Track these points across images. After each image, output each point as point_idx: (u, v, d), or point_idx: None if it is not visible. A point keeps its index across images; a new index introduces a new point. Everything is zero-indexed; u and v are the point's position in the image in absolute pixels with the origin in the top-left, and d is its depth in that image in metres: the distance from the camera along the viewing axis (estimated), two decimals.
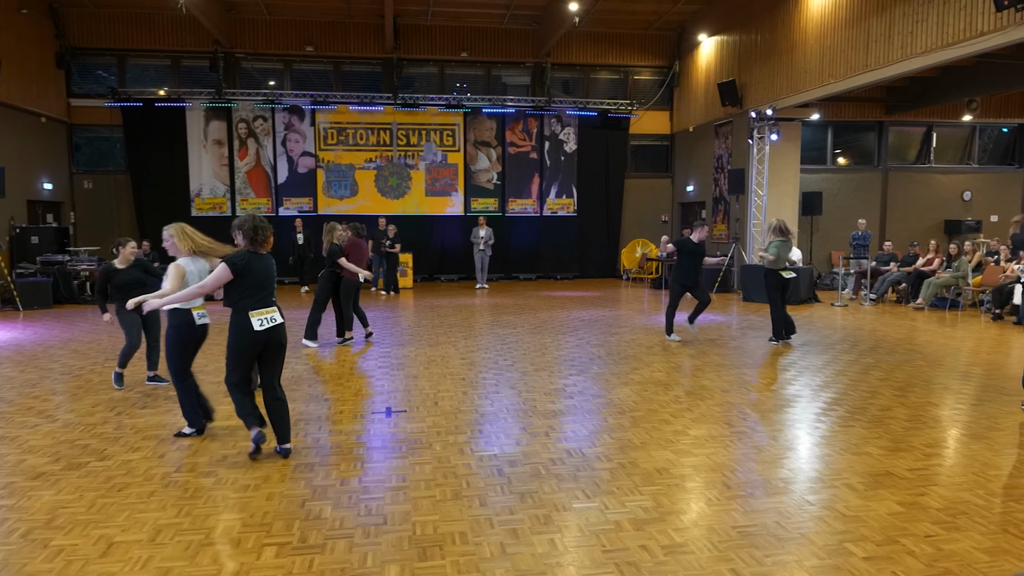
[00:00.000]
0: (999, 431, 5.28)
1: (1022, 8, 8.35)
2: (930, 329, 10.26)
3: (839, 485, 4.20)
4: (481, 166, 18.11)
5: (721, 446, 4.93)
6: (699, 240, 9.22)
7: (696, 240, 9.21)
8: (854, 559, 3.28)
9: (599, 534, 3.53)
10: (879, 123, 16.53)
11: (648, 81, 18.86)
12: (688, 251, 9.16)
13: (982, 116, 16.43)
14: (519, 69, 18.36)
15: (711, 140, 16.82)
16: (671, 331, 9.37)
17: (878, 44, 11.10)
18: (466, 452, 4.79)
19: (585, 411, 5.84)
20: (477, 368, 7.52)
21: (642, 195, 19.11)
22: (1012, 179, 17.07)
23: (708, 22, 16.66)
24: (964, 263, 12.33)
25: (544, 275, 18.54)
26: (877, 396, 6.33)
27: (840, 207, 16.24)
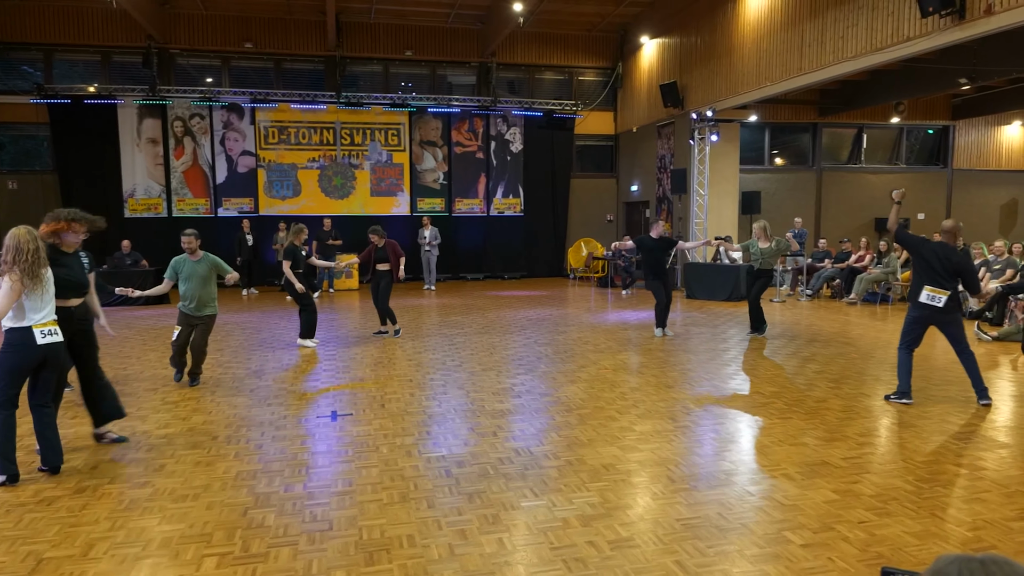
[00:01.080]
0: (926, 419, 5.53)
1: (945, 14, 8.77)
2: (862, 323, 10.68)
3: (778, 476, 4.33)
4: (427, 166, 18.00)
5: (666, 441, 5.02)
6: (658, 236, 9.44)
7: (655, 236, 9.43)
8: (792, 546, 3.38)
9: (547, 532, 3.56)
10: (813, 125, 17.10)
11: (592, 82, 19.07)
12: (648, 247, 9.42)
13: (909, 118, 17.17)
14: (464, 69, 18.31)
15: (654, 140, 17.12)
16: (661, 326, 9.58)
17: (811, 48, 11.48)
18: (414, 454, 4.75)
19: (533, 410, 5.86)
20: (425, 369, 7.47)
21: (588, 195, 19.31)
22: (938, 178, 17.89)
23: (650, 24, 16.94)
24: (893, 259, 12.87)
25: (492, 275, 18.55)
26: (814, 388, 6.55)
27: (778, 206, 16.73)
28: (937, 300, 5.82)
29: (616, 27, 18.12)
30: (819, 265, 14.28)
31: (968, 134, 17.80)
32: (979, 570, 0.87)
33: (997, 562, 0.87)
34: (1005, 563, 0.87)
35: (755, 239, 9.42)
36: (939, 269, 5.79)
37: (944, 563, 0.90)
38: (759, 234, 9.38)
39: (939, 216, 17.73)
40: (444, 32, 17.70)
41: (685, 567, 3.19)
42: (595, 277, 17.50)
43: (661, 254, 9.47)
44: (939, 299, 5.82)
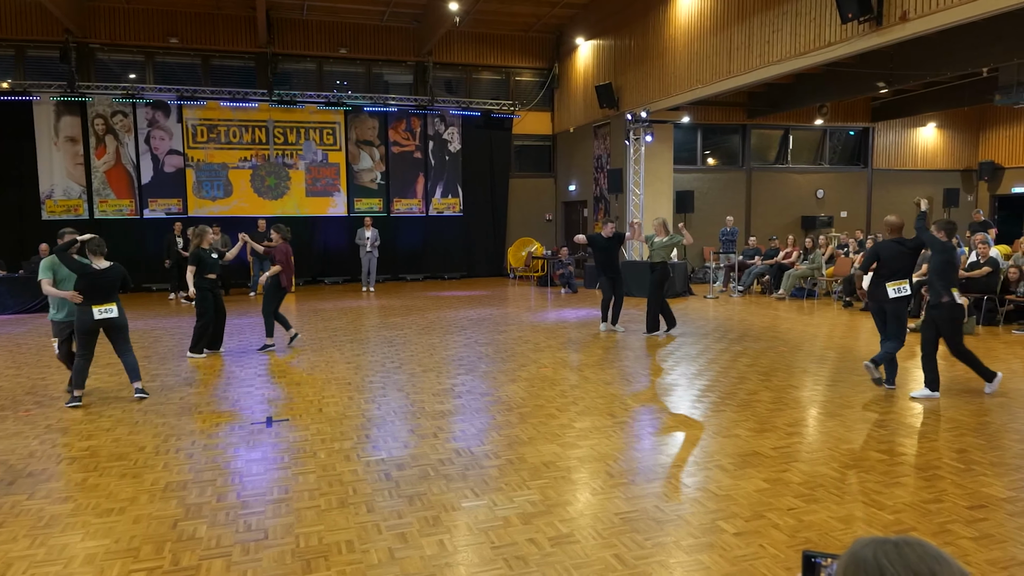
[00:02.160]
0: (850, 408, 5.78)
1: (864, 21, 9.18)
2: (790, 317, 11.08)
3: (712, 467, 4.45)
4: (364, 166, 17.75)
5: (604, 437, 5.09)
6: (608, 235, 9.60)
7: (606, 235, 9.60)
8: (726, 535, 3.48)
9: (488, 531, 3.56)
10: (742, 126, 17.64)
11: (529, 82, 19.17)
12: (600, 246, 9.63)
13: (832, 120, 17.91)
14: (401, 67, 18.14)
15: (591, 141, 17.34)
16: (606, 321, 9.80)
17: (739, 52, 11.84)
18: (352, 458, 4.68)
19: (474, 410, 5.86)
20: (363, 372, 7.36)
21: (526, 194, 19.41)
22: (859, 178, 18.72)
23: (585, 26, 17.15)
24: (818, 255, 13.41)
25: (431, 275, 18.44)
26: (745, 381, 6.76)
27: (710, 205, 17.20)
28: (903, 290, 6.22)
29: (552, 28, 18.27)
30: (749, 262, 14.75)
31: (886, 135, 18.69)
32: (893, 552, 0.91)
33: (910, 543, 0.91)
34: (917, 544, 0.91)
35: (654, 232, 9.59)
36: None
37: (860, 546, 0.94)
38: (658, 228, 9.53)
39: (860, 213, 18.58)
40: (379, 30, 17.49)
41: (624, 560, 3.25)
42: (535, 276, 17.61)
43: (613, 252, 9.64)
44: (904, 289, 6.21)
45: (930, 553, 0.90)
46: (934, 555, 0.90)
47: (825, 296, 13.56)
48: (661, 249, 9.40)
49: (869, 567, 0.90)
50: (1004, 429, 5.18)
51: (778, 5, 10.89)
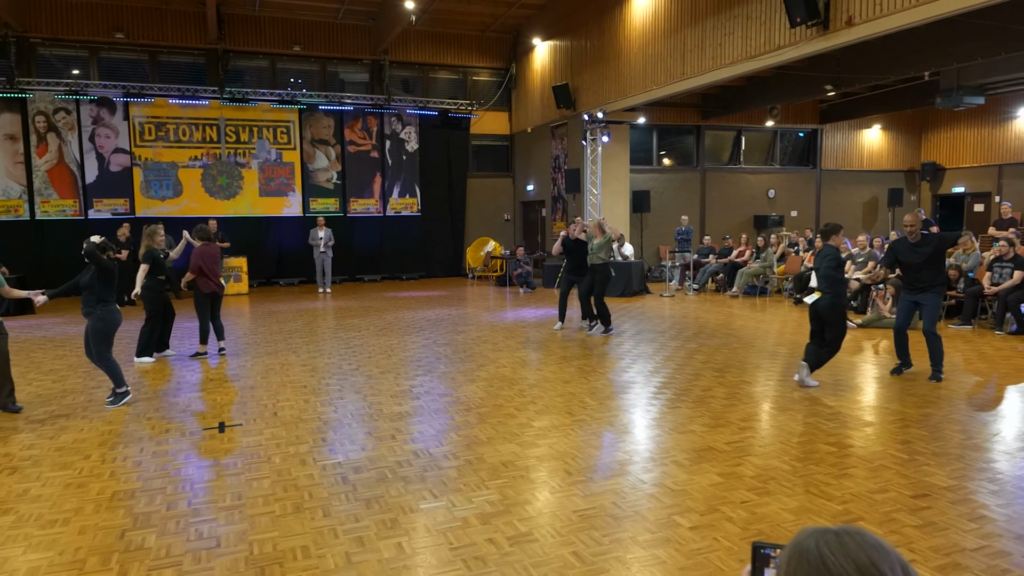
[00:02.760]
0: (801, 403, 5.93)
1: (811, 25, 9.42)
2: (744, 314, 11.31)
3: (668, 463, 4.52)
4: (319, 165, 17.50)
5: (563, 435, 5.12)
6: (575, 237, 9.61)
7: (572, 237, 9.64)
8: (681, 530, 3.54)
9: (446, 532, 3.54)
10: (696, 127, 17.93)
11: (487, 82, 19.17)
12: (568, 249, 9.71)
13: (782, 122, 18.33)
14: (357, 66, 17.94)
15: (548, 141, 17.42)
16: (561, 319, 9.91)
17: (693, 54, 12.04)
18: (308, 462, 4.61)
19: (432, 411, 5.83)
20: (320, 374, 7.26)
21: (485, 194, 19.40)
22: (808, 178, 19.21)
23: (541, 27, 17.22)
24: (770, 254, 13.72)
25: (389, 276, 18.28)
26: (700, 378, 6.87)
27: (666, 205, 17.44)
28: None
29: (509, 28, 18.29)
30: (704, 261, 15.01)
31: (834, 137, 19.22)
32: (834, 541, 0.93)
33: (850, 533, 0.94)
34: (857, 533, 0.94)
35: (590, 233, 9.57)
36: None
37: (804, 536, 0.97)
38: (594, 229, 9.52)
39: (810, 213, 19.07)
40: (334, 28, 17.27)
41: (582, 557, 3.27)
42: (493, 276, 17.61)
43: (580, 254, 9.63)
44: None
45: (869, 542, 0.93)
46: (873, 544, 0.93)
47: (777, 293, 13.88)
48: (600, 250, 9.40)
49: (812, 557, 0.93)
50: (945, 420, 5.38)
51: (729, 9, 11.11)
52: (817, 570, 0.92)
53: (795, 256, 13.67)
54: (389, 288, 16.41)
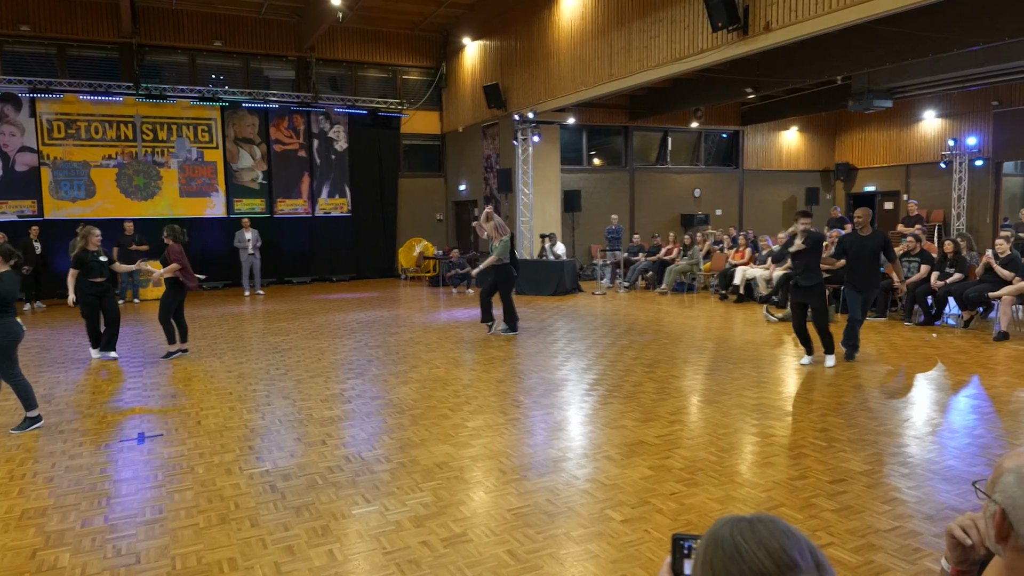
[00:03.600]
0: (726, 395, 6.12)
1: (732, 30, 9.74)
2: (672, 311, 11.60)
3: (600, 458, 4.58)
4: (244, 164, 16.96)
5: (497, 434, 5.13)
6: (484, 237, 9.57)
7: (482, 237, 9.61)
8: (613, 523, 3.59)
9: (379, 537, 3.49)
10: (625, 128, 18.28)
11: (417, 81, 19.01)
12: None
13: (706, 123, 18.89)
14: (282, 63, 17.47)
15: (480, 141, 17.42)
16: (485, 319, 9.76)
17: (620, 56, 12.26)
18: (234, 472, 4.46)
19: (364, 414, 5.73)
20: (246, 380, 7.04)
21: (416, 194, 19.24)
22: (731, 178, 19.87)
23: (471, 26, 17.20)
24: (696, 252, 14.12)
25: (319, 278, 17.89)
26: (631, 373, 7.01)
27: (596, 204, 17.71)
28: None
29: (439, 27, 18.19)
30: (634, 259, 15.31)
31: (755, 138, 19.95)
32: (747, 529, 0.96)
33: (763, 520, 0.97)
34: (769, 521, 0.97)
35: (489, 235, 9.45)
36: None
37: (719, 525, 1.00)
38: (493, 232, 9.39)
39: (733, 211, 19.73)
40: (257, 23, 16.78)
41: (516, 555, 3.28)
42: (427, 277, 17.49)
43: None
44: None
45: (780, 528, 0.96)
46: (783, 530, 0.96)
47: (703, 290, 14.29)
48: (502, 252, 9.23)
49: (726, 545, 0.96)
50: (860, 408, 5.65)
51: (654, 12, 11.36)
52: (731, 557, 0.94)
53: (720, 253, 14.11)
54: (319, 290, 16.07)
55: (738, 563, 0.94)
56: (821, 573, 0.95)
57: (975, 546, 1.36)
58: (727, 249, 14.11)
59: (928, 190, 17.72)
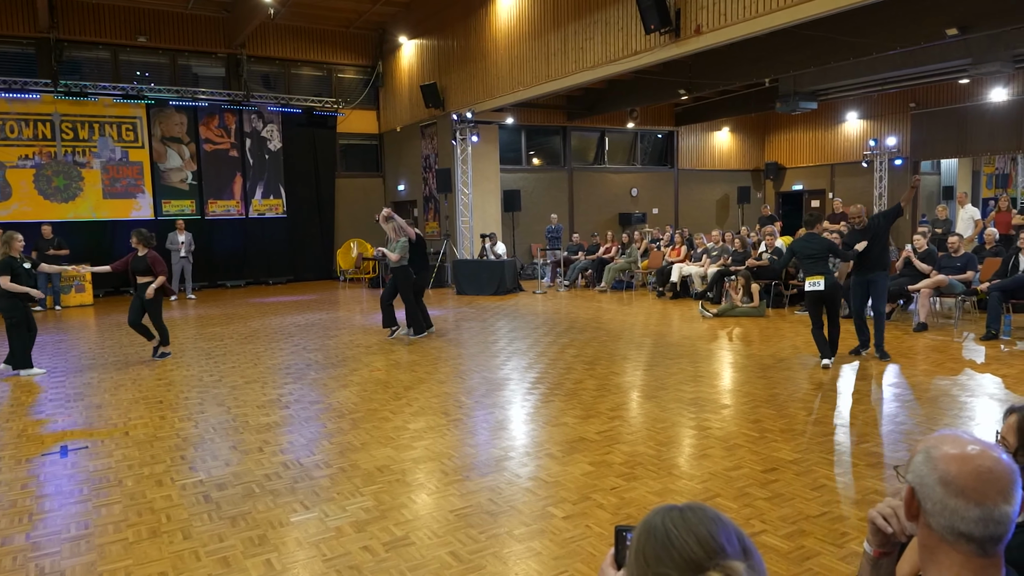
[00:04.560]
0: (664, 390, 6.25)
1: (664, 32, 9.95)
2: (612, 308, 11.78)
3: (542, 456, 4.61)
4: (172, 164, 16.37)
5: (439, 436, 5.10)
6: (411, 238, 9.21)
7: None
8: (555, 520, 3.62)
9: (319, 544, 3.42)
10: (563, 128, 18.46)
11: (353, 80, 18.73)
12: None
13: (642, 124, 19.26)
14: (211, 60, 16.94)
15: (418, 140, 17.29)
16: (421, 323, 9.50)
17: (557, 57, 12.37)
18: (165, 483, 4.30)
19: (302, 419, 5.61)
20: (177, 388, 6.79)
21: (354, 194, 18.95)
22: (667, 177, 20.31)
23: (408, 25, 17.06)
24: (634, 250, 14.37)
25: (254, 280, 17.43)
26: (572, 371, 7.08)
27: (536, 203, 17.83)
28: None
29: (374, 25, 17.98)
30: (574, 257, 15.48)
31: (689, 139, 20.45)
32: (678, 517, 0.99)
33: (693, 509, 1.00)
34: (699, 509, 1.00)
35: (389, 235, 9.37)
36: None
37: (652, 514, 1.02)
38: (391, 234, 9.32)
39: (669, 210, 20.17)
40: (184, 18, 16.22)
41: (459, 556, 3.27)
42: (366, 278, 17.25)
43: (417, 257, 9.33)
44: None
45: (709, 516, 0.99)
46: (712, 517, 0.99)
47: (642, 287, 14.56)
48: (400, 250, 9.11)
49: (658, 532, 0.98)
50: (790, 399, 5.86)
51: (590, 15, 11.51)
52: (662, 544, 0.97)
53: (657, 251, 14.40)
54: (255, 293, 15.65)
55: (668, 550, 0.96)
56: (748, 558, 0.97)
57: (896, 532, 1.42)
58: (664, 247, 14.42)
59: (852, 188, 18.52)
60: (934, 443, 1.28)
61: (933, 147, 17.08)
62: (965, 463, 1.21)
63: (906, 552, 1.45)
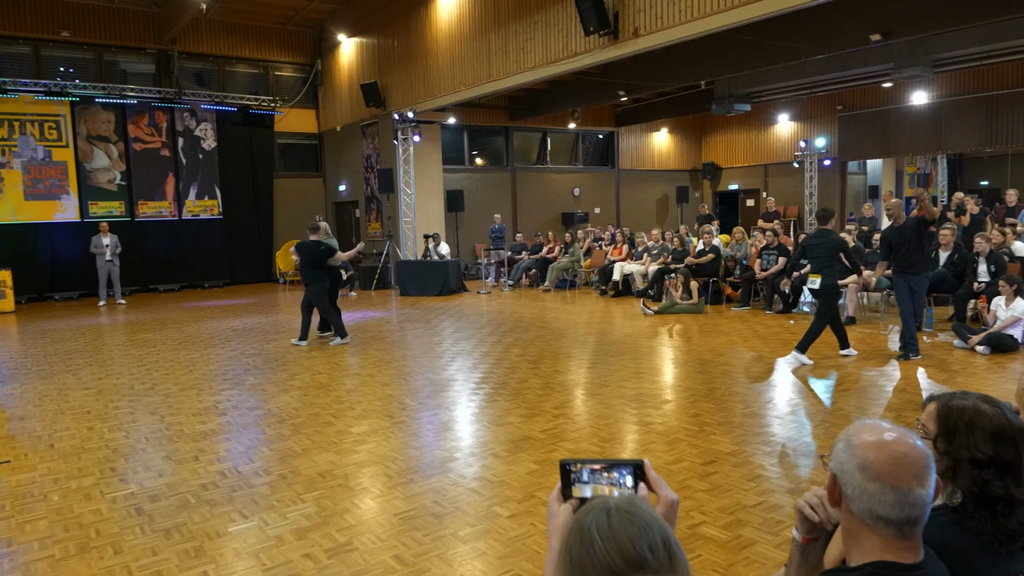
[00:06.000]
0: (607, 387, 6.34)
1: (603, 34, 10.08)
2: (555, 307, 11.87)
3: (487, 456, 4.61)
4: (99, 164, 15.69)
5: (383, 439, 5.04)
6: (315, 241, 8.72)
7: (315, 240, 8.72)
8: (500, 519, 3.63)
9: (258, 554, 3.34)
10: (505, 128, 18.51)
11: (291, 78, 18.33)
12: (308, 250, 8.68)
13: (583, 124, 19.48)
14: (140, 55, 16.31)
15: (359, 140, 17.06)
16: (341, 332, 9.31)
17: (497, 57, 12.39)
18: (94, 496, 4.12)
19: (241, 426, 5.47)
20: (107, 397, 6.52)
21: (294, 195, 18.55)
22: (608, 177, 20.60)
23: (347, 23, 16.80)
24: (577, 249, 14.52)
25: (189, 284, 16.86)
26: (516, 370, 7.10)
27: (479, 203, 17.82)
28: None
29: (312, 23, 17.64)
30: (517, 257, 15.53)
31: (629, 139, 20.79)
32: (604, 521, 0.99)
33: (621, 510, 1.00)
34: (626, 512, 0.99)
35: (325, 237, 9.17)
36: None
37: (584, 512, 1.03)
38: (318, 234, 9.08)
39: (611, 209, 20.46)
40: (110, 12, 15.57)
41: (403, 560, 3.24)
42: None
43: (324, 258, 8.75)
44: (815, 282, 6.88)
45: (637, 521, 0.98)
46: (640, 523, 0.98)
47: (585, 286, 14.72)
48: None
49: (584, 534, 0.98)
50: (728, 393, 6.02)
51: (530, 15, 11.57)
52: (586, 550, 0.97)
53: (600, 250, 14.58)
54: (190, 298, 15.16)
55: (591, 555, 0.96)
56: (672, 569, 0.96)
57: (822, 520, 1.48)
58: (606, 246, 14.61)
59: (784, 188, 19.16)
60: (854, 431, 1.33)
61: (859, 148, 17.82)
62: (882, 449, 1.27)
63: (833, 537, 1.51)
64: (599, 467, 1.24)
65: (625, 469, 1.24)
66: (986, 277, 8.31)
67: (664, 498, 1.22)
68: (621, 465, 1.24)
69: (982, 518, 1.52)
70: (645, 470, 1.23)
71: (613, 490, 1.23)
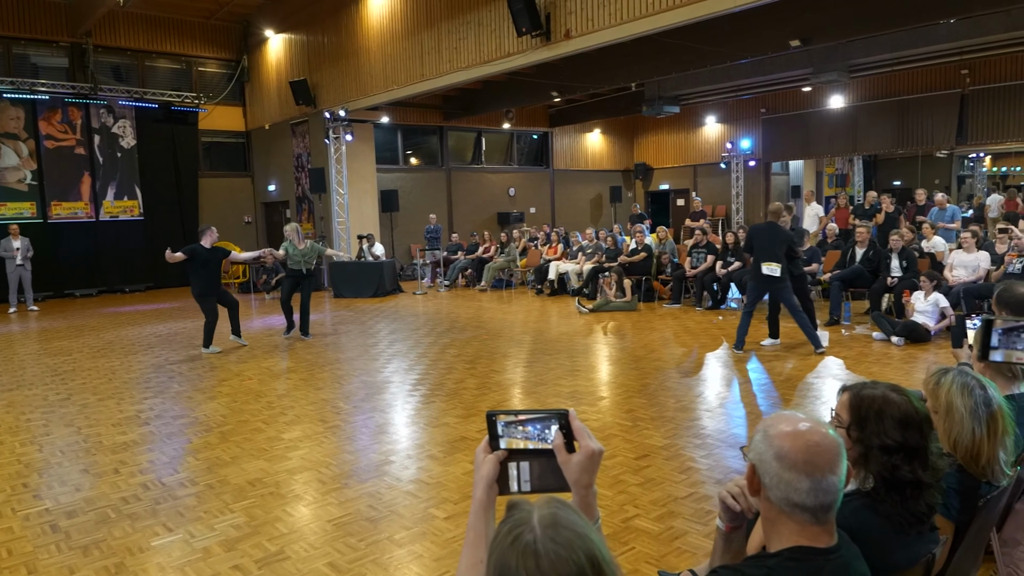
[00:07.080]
0: (543, 385, 6.39)
1: (535, 35, 10.14)
2: (492, 307, 11.89)
3: (424, 458, 4.58)
4: (8, 163, 14.81)
5: (316, 444, 4.94)
6: (211, 245, 8.40)
7: (208, 245, 8.33)
8: (437, 521, 3.61)
9: (184, 567, 3.22)
10: (440, 128, 18.40)
11: (216, 74, 17.74)
12: (202, 258, 8.20)
13: (517, 124, 19.55)
14: (52, 49, 15.47)
15: (289, 139, 16.65)
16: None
17: (430, 56, 12.31)
18: (5, 514, 3.89)
19: (165, 436, 5.25)
20: (17, 409, 6.16)
21: (221, 195, 17.95)
22: (542, 177, 20.75)
23: (274, 19, 16.37)
24: (513, 249, 14.58)
25: (108, 289, 16.08)
26: (453, 371, 7.08)
27: (414, 203, 17.65)
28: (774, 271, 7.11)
29: (238, 17, 17.11)
30: (453, 257, 15.48)
31: (563, 140, 20.99)
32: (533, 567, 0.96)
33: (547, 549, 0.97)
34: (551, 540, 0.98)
35: (289, 241, 9.09)
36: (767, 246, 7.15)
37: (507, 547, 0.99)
38: (291, 235, 9.10)
39: (546, 209, 20.62)
40: (20, 2, 14.71)
41: (337, 567, 3.18)
42: (236, 283, 16.39)
43: (215, 266, 8.41)
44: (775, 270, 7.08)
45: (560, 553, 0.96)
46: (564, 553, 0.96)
47: (521, 285, 14.80)
48: (305, 257, 9.03)
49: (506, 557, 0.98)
50: (660, 388, 6.16)
51: (462, 15, 11.54)
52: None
53: (535, 250, 14.68)
54: (108, 303, 14.47)
55: None
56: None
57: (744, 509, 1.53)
58: (541, 246, 14.72)
59: (712, 188, 19.73)
60: (771, 422, 1.38)
61: (782, 149, 18.51)
62: (796, 439, 1.32)
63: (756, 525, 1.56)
64: (520, 418, 1.29)
65: (551, 420, 1.27)
66: (898, 272, 8.77)
67: (585, 448, 1.26)
68: (546, 416, 1.28)
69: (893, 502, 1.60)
70: (570, 420, 1.27)
71: (528, 443, 1.28)
